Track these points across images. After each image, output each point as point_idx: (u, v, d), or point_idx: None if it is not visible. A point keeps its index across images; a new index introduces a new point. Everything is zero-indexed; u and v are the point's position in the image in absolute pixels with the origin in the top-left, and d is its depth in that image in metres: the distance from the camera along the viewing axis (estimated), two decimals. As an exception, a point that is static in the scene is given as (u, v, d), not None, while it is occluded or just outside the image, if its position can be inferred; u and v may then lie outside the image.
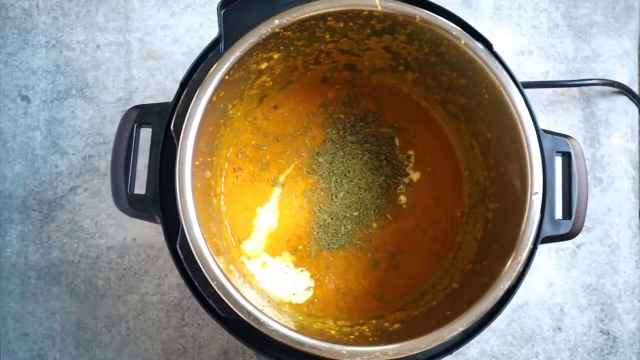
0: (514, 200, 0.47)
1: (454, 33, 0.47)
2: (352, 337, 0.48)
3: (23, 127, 0.66)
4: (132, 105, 0.51)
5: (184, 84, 0.49)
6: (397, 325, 0.50)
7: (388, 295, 0.56)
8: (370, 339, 0.47)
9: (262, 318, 0.43)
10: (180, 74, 0.50)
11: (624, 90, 0.68)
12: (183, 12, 0.68)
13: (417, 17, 0.47)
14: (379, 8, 0.46)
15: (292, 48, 0.51)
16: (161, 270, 0.64)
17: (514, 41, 0.69)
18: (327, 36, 0.51)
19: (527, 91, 0.48)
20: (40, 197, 0.65)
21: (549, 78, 0.69)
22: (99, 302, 0.64)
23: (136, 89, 0.67)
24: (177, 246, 0.45)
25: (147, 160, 0.48)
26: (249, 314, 0.43)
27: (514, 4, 0.70)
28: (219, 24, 0.48)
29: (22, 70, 0.67)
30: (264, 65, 0.51)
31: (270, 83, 0.56)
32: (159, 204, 0.47)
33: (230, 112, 0.52)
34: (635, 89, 0.69)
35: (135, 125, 0.49)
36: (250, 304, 0.44)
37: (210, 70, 0.46)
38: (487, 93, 0.48)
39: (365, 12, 0.47)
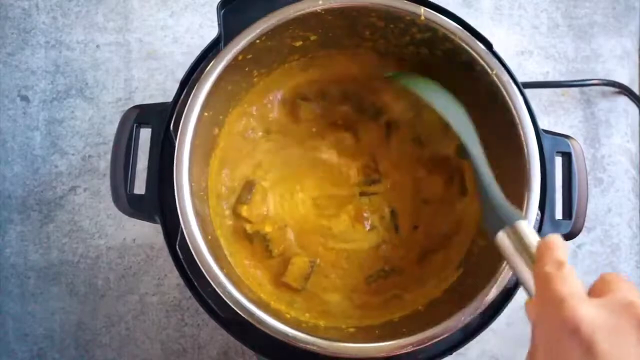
0: (513, 197, 0.47)
1: (452, 30, 0.47)
2: (357, 334, 0.48)
3: (22, 127, 0.66)
4: (131, 105, 0.51)
5: (183, 83, 0.49)
6: (402, 321, 0.50)
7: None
8: (377, 335, 0.47)
9: (264, 317, 0.43)
10: (180, 74, 0.50)
11: (624, 90, 0.68)
12: (183, 12, 0.68)
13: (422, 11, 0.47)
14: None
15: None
16: (161, 270, 0.64)
17: (514, 41, 0.69)
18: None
19: (527, 91, 0.48)
20: (39, 197, 0.65)
21: (549, 78, 0.69)
22: (99, 302, 0.63)
23: (136, 89, 0.67)
24: (177, 246, 0.45)
25: (146, 160, 0.48)
26: (250, 313, 0.43)
27: (514, 4, 0.70)
28: (219, 24, 0.48)
29: (22, 70, 0.67)
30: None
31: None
32: (159, 204, 0.47)
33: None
34: (635, 89, 0.69)
35: (134, 125, 0.49)
36: (252, 303, 0.43)
37: (206, 70, 0.46)
38: (487, 92, 0.48)
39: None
